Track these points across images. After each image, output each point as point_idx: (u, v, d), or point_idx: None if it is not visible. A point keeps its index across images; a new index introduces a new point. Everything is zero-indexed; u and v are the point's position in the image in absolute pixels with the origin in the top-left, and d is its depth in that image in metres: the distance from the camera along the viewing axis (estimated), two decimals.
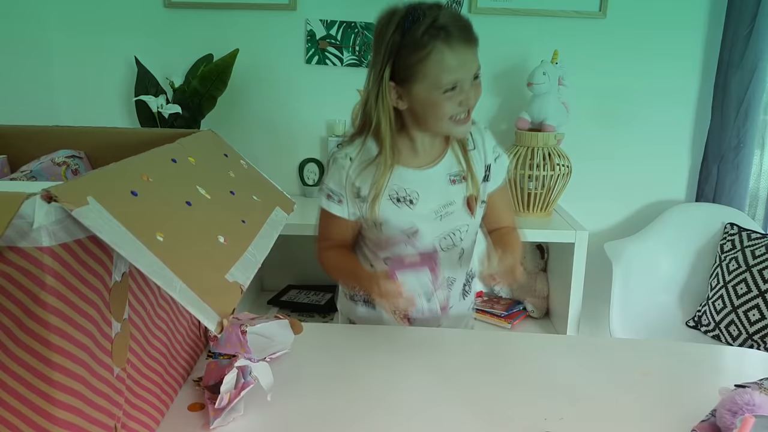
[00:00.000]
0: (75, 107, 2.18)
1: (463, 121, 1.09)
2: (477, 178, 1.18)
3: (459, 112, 1.07)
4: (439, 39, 1.01)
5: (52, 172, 0.96)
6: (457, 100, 1.05)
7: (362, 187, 1.14)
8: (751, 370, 1.02)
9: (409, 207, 1.15)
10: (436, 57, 1.02)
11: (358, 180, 1.14)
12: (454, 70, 1.03)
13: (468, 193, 1.17)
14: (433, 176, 1.16)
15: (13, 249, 0.52)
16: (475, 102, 1.08)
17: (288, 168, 2.23)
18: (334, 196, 1.16)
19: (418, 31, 1.01)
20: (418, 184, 1.15)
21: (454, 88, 1.04)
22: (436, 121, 1.08)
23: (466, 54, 1.03)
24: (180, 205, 0.69)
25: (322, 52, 2.14)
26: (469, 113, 1.09)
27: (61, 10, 2.12)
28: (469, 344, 1.10)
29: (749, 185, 2.20)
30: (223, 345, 0.90)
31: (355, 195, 1.15)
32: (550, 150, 2.00)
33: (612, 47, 2.14)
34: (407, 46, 1.03)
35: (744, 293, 1.87)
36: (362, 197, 1.15)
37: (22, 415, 0.55)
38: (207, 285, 0.62)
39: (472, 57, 1.05)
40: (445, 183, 1.17)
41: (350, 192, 1.15)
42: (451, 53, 1.02)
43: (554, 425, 0.82)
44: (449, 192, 1.17)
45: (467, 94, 1.05)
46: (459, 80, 1.04)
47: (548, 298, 2.21)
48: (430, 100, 1.05)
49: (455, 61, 1.02)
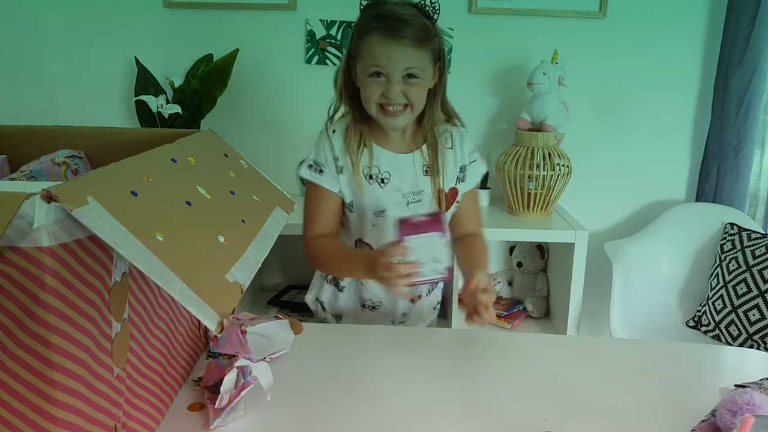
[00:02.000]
0: (75, 107, 2.19)
1: (392, 114, 1.14)
2: (446, 175, 1.23)
3: (385, 102, 1.13)
4: (375, 26, 1.10)
5: (52, 172, 0.96)
6: (380, 89, 1.12)
7: (340, 158, 1.20)
8: (751, 370, 1.02)
9: (380, 186, 1.21)
10: (368, 41, 1.10)
11: (339, 152, 1.20)
12: (378, 58, 1.10)
13: (437, 187, 1.22)
14: (407, 162, 1.22)
15: (13, 249, 0.52)
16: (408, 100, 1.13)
17: (288, 168, 2.22)
18: (315, 166, 1.22)
19: (366, 16, 1.13)
20: (391, 166, 1.21)
21: (379, 75, 1.11)
22: (366, 103, 1.15)
23: (395, 48, 1.09)
24: (180, 205, 0.69)
25: (322, 52, 2.14)
26: (405, 108, 1.14)
27: (61, 10, 2.12)
28: (469, 344, 1.10)
29: (749, 185, 2.20)
30: (223, 345, 0.90)
31: (336, 168, 1.21)
32: (550, 150, 2.00)
33: (612, 47, 2.14)
34: (357, 27, 1.14)
35: (744, 293, 1.87)
36: (341, 169, 1.20)
37: (22, 415, 0.55)
38: (207, 285, 0.62)
39: (403, 53, 1.09)
40: (419, 171, 1.22)
41: (332, 164, 1.20)
42: (379, 42, 1.09)
43: (554, 425, 0.82)
44: (420, 181, 1.22)
45: (391, 87, 1.11)
46: (384, 69, 1.10)
47: (548, 298, 2.21)
48: (362, 80, 1.14)
49: (381, 51, 1.09)
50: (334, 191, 1.22)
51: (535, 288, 2.22)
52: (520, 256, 2.23)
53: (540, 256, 2.22)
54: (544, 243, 2.21)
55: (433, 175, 1.22)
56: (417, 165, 1.22)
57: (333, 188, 1.21)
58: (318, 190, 1.22)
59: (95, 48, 2.15)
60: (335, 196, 1.23)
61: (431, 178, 1.22)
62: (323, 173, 1.21)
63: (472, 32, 2.12)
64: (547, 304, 2.21)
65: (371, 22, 1.11)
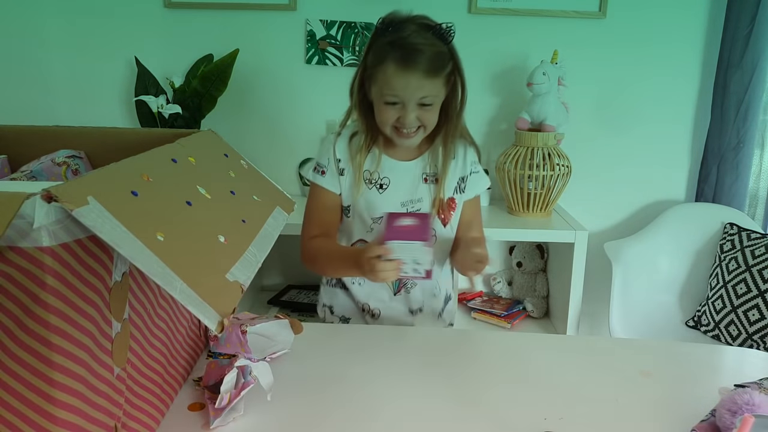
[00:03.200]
0: (75, 107, 2.19)
1: (406, 136, 1.16)
2: (446, 185, 1.23)
3: (399, 126, 1.15)
4: (392, 56, 1.10)
5: (52, 172, 0.96)
6: (395, 114, 1.14)
7: (342, 159, 1.22)
8: (750, 370, 1.02)
9: (378, 191, 1.22)
10: (385, 70, 1.11)
11: (341, 154, 1.22)
12: (395, 88, 1.11)
13: (434, 196, 1.23)
14: (408, 169, 1.24)
15: (14, 249, 0.52)
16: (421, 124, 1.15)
17: (288, 168, 2.23)
18: (319, 168, 1.24)
19: (384, 40, 1.12)
20: (391, 172, 1.23)
21: (395, 103, 1.13)
22: (381, 125, 1.17)
23: (411, 79, 1.09)
24: (180, 205, 0.69)
25: (322, 52, 2.14)
26: (419, 129, 1.16)
27: (61, 10, 2.12)
28: (469, 344, 1.10)
29: (749, 185, 2.20)
30: (223, 345, 0.90)
31: (337, 170, 1.22)
32: (550, 150, 2.00)
33: (612, 47, 2.14)
34: (374, 50, 1.14)
35: (744, 293, 1.87)
36: (342, 171, 1.22)
37: (22, 415, 0.55)
38: (207, 284, 0.62)
39: (418, 84, 1.10)
40: (418, 179, 1.24)
41: (334, 166, 1.23)
42: (396, 73, 1.10)
43: (554, 425, 0.82)
44: (419, 189, 1.24)
45: (406, 114, 1.12)
46: (400, 98, 1.12)
47: (548, 298, 2.21)
48: (377, 103, 1.16)
49: (398, 81, 1.10)
50: (335, 192, 1.23)
51: (535, 288, 2.22)
52: (519, 256, 2.23)
53: (540, 256, 2.22)
54: (543, 243, 2.21)
55: (437, 183, 1.23)
56: (417, 173, 1.23)
57: (334, 189, 1.23)
58: (318, 191, 1.24)
59: (95, 48, 2.15)
60: (335, 198, 1.24)
61: (430, 186, 1.23)
62: (325, 174, 1.23)
63: (472, 32, 2.12)
64: (546, 304, 2.21)
65: (388, 49, 1.10)
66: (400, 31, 1.11)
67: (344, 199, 1.24)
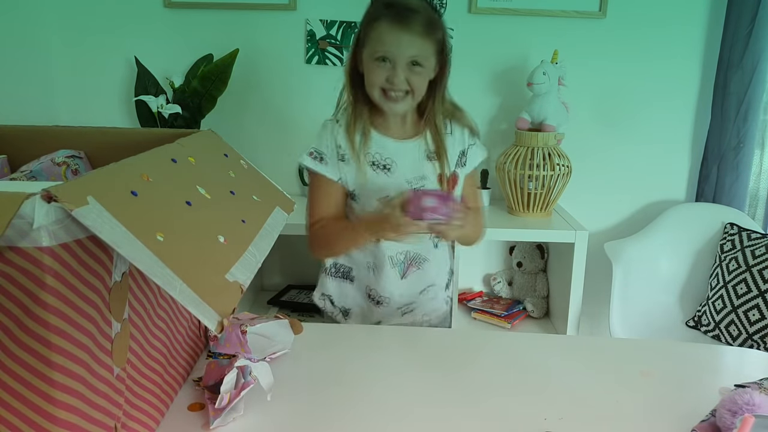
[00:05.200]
0: (75, 107, 2.19)
1: (394, 99, 1.18)
2: (449, 160, 1.25)
3: (388, 87, 1.16)
4: (384, 14, 1.14)
5: (52, 172, 0.96)
6: (385, 74, 1.15)
7: (342, 144, 1.23)
8: (751, 370, 1.02)
9: (386, 174, 1.23)
10: (377, 27, 1.14)
11: (341, 139, 1.23)
12: (386, 44, 1.14)
13: (439, 172, 1.25)
14: (411, 148, 1.25)
15: (13, 249, 0.52)
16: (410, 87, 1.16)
17: (288, 168, 2.22)
18: (317, 155, 1.24)
19: (377, 3, 1.17)
20: (395, 153, 1.24)
21: (385, 60, 1.15)
22: (369, 87, 1.19)
23: (402, 36, 1.13)
24: (180, 205, 0.69)
25: (322, 52, 2.14)
26: (407, 94, 1.17)
27: (61, 10, 2.12)
28: (468, 344, 1.10)
29: (749, 185, 2.20)
30: (223, 345, 0.90)
31: (338, 156, 1.23)
32: (550, 150, 2.00)
33: (612, 47, 2.14)
34: (366, 14, 1.18)
35: (744, 293, 1.87)
36: (343, 157, 1.23)
37: (22, 415, 0.55)
38: (207, 285, 0.62)
39: (410, 41, 1.13)
40: (422, 158, 1.25)
41: (334, 152, 1.23)
42: (387, 29, 1.13)
43: (554, 425, 0.82)
44: (424, 166, 1.25)
45: (396, 73, 1.14)
46: (390, 55, 1.14)
47: (548, 298, 2.21)
48: (367, 65, 1.18)
49: (389, 37, 1.13)
50: (334, 179, 1.24)
51: (535, 288, 2.22)
52: (520, 256, 2.23)
53: (540, 256, 2.22)
54: (544, 243, 2.21)
55: (438, 160, 1.25)
56: (420, 151, 1.25)
57: (333, 176, 1.23)
58: (318, 179, 1.24)
59: (95, 48, 2.15)
60: (336, 185, 1.24)
61: (434, 163, 1.25)
62: (324, 161, 1.23)
63: (472, 32, 2.12)
64: (547, 304, 2.21)
65: (382, 9, 1.14)
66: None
67: (349, 184, 1.24)
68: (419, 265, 1.30)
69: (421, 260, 1.30)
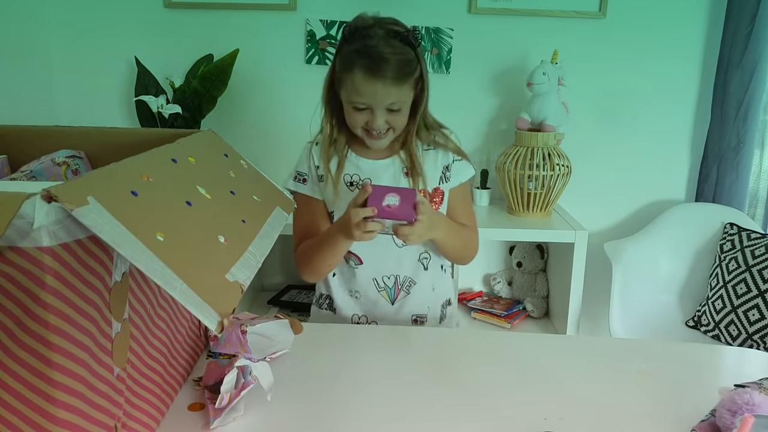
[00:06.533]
0: (75, 107, 2.18)
1: (376, 137, 1.18)
2: (426, 176, 1.24)
3: (369, 128, 1.17)
4: (359, 64, 1.11)
5: (52, 172, 0.96)
6: (364, 119, 1.16)
7: (321, 166, 1.25)
8: (750, 370, 1.02)
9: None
10: (352, 77, 1.12)
11: (318, 160, 1.25)
12: (363, 95, 1.12)
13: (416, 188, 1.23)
14: (386, 167, 1.25)
15: (14, 249, 0.52)
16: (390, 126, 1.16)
17: (288, 168, 2.21)
18: (299, 177, 1.28)
19: (350, 48, 1.13)
20: (370, 172, 1.24)
21: (364, 108, 1.15)
22: (351, 126, 1.20)
23: (378, 87, 1.11)
24: (180, 205, 0.69)
25: (322, 52, 2.14)
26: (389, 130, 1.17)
27: (61, 10, 2.12)
28: (468, 344, 1.10)
29: (749, 185, 2.20)
30: (223, 345, 0.90)
31: (317, 176, 1.25)
32: (550, 150, 2.00)
33: (612, 47, 2.14)
34: (341, 57, 1.15)
35: (744, 293, 1.87)
36: (321, 178, 1.25)
37: (22, 415, 0.55)
38: (207, 285, 0.62)
39: (385, 91, 1.11)
40: (399, 174, 1.25)
41: (314, 173, 1.26)
42: (363, 80, 1.11)
43: (554, 425, 0.83)
44: (401, 182, 1.24)
45: (375, 119, 1.14)
46: (368, 105, 1.14)
47: (548, 298, 2.21)
48: (346, 107, 1.18)
49: (365, 88, 1.12)
50: (318, 198, 1.25)
51: (535, 288, 2.22)
52: (519, 256, 2.23)
53: (540, 256, 2.22)
54: (543, 243, 2.21)
55: (413, 177, 1.23)
56: (396, 168, 1.25)
57: (316, 196, 1.25)
58: (302, 200, 1.25)
59: (95, 48, 2.15)
60: (320, 204, 1.26)
61: (411, 179, 1.24)
62: (306, 182, 1.26)
63: (472, 32, 2.12)
64: (546, 304, 2.21)
65: (355, 57, 1.11)
66: (366, 39, 1.11)
67: (328, 205, 1.26)
68: (407, 288, 1.28)
69: (410, 283, 1.27)
